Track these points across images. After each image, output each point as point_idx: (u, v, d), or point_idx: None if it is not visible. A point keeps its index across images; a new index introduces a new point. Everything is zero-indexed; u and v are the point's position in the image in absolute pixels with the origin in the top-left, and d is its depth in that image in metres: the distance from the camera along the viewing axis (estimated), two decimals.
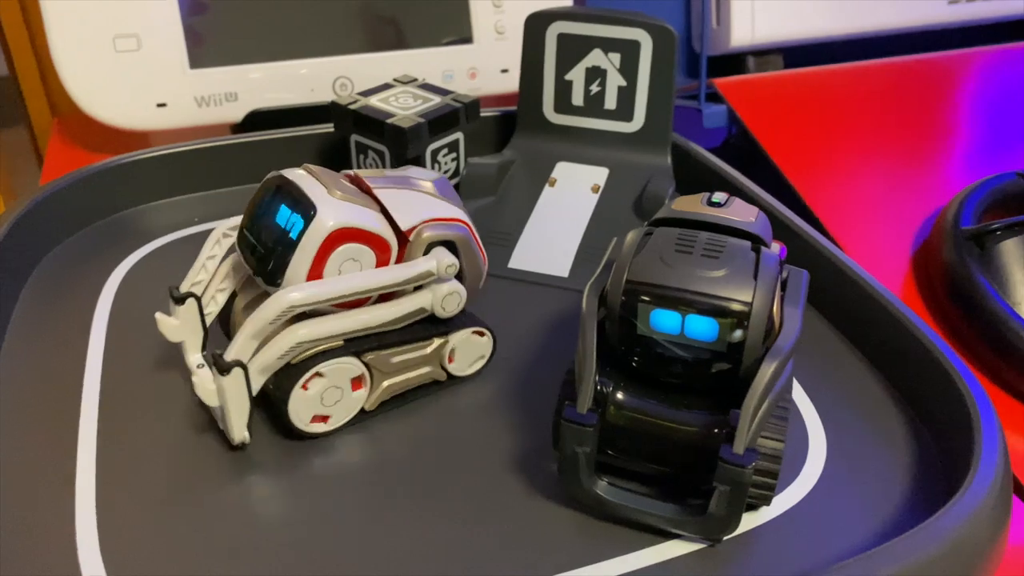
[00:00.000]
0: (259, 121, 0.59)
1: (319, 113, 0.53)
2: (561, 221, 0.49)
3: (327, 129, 0.54)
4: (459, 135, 0.51)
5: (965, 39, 0.77)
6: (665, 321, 0.29)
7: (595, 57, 0.50)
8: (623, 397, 0.30)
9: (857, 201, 0.55)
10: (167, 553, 0.29)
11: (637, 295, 0.29)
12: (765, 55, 0.72)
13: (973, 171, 0.60)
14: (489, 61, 0.64)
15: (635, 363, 0.30)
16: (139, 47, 0.56)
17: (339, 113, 0.50)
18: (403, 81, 0.53)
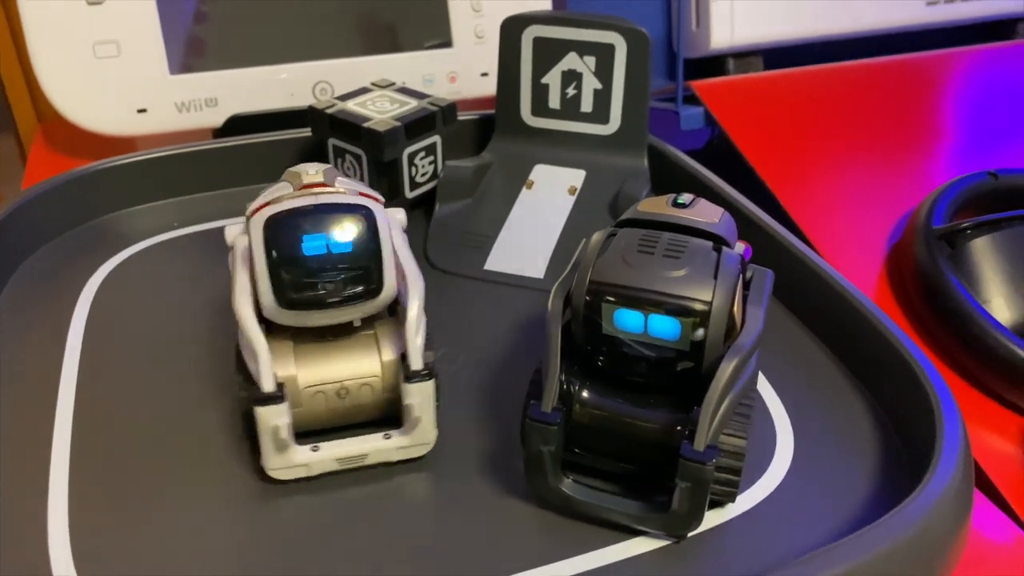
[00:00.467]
0: (240, 126, 0.59)
1: (299, 118, 0.53)
2: (538, 223, 0.49)
3: (306, 134, 0.54)
4: (436, 138, 0.51)
5: (944, 40, 0.78)
6: (629, 321, 0.29)
7: (571, 60, 0.51)
8: (588, 395, 0.31)
9: (833, 202, 0.56)
10: (138, 555, 0.29)
11: (600, 295, 0.29)
12: (745, 57, 0.73)
13: (950, 171, 0.60)
14: (469, 65, 0.64)
15: (600, 362, 0.31)
16: (119, 53, 0.56)
17: (316, 117, 0.50)
18: (381, 85, 0.53)
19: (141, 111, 0.57)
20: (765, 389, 0.38)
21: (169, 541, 0.30)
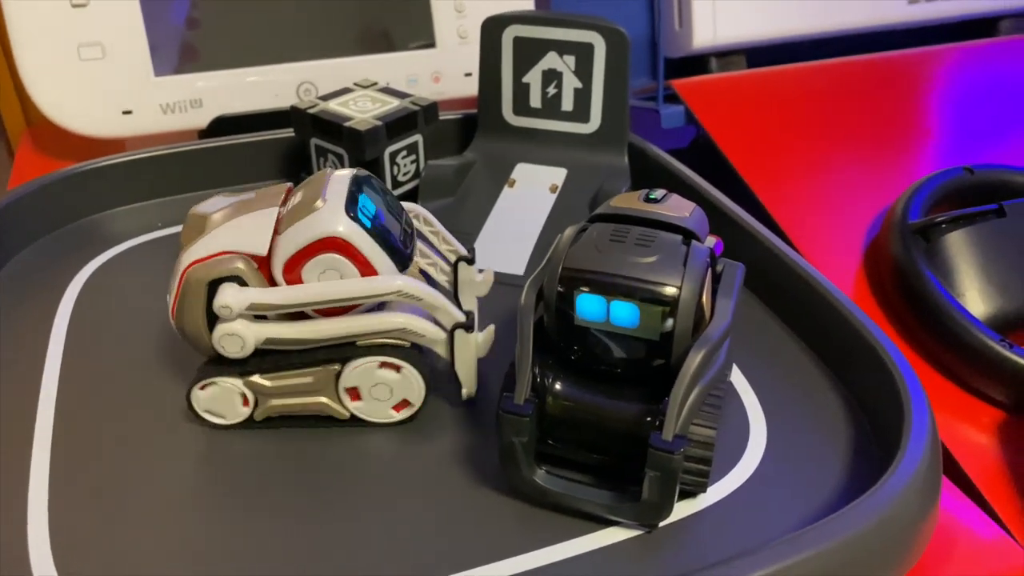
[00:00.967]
0: (225, 126, 0.59)
1: (284, 118, 0.53)
2: (519, 221, 0.49)
3: (290, 134, 0.55)
4: (418, 137, 0.52)
5: (926, 38, 0.79)
6: (591, 307, 0.30)
7: (551, 60, 0.51)
8: (561, 388, 0.31)
9: (813, 198, 0.56)
10: (118, 551, 0.30)
11: (571, 283, 0.30)
12: (728, 56, 0.73)
13: (931, 167, 0.61)
14: (452, 65, 0.65)
15: (574, 356, 0.31)
16: (103, 55, 0.57)
17: (298, 117, 0.50)
18: (363, 85, 0.53)
19: (126, 113, 0.58)
20: (738, 380, 0.38)
21: (149, 538, 0.30)
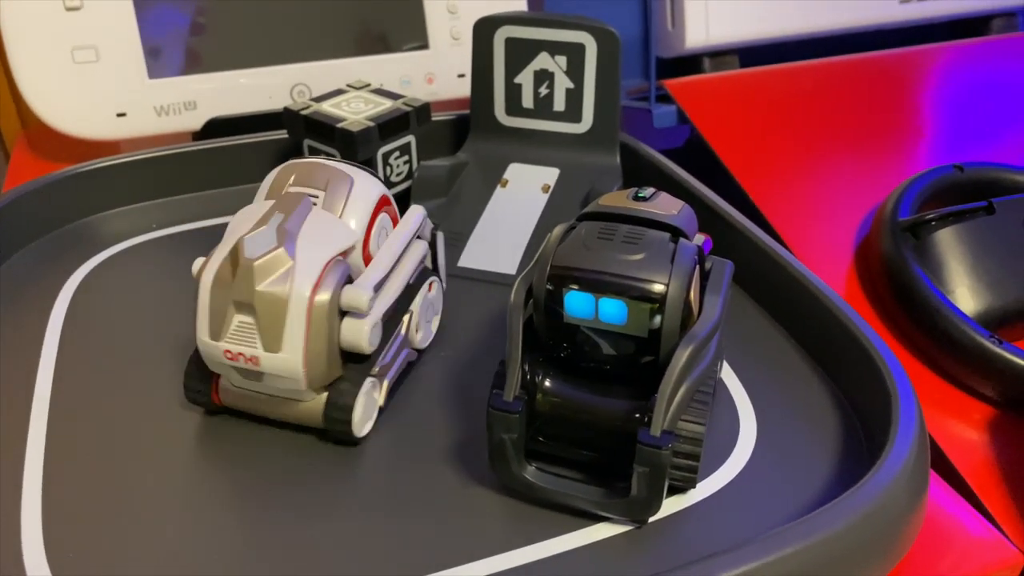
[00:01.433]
0: (219, 128, 0.60)
1: (278, 120, 0.53)
2: (511, 220, 0.50)
3: (284, 135, 0.55)
4: (410, 138, 0.52)
5: (918, 37, 0.79)
6: (579, 304, 0.30)
7: (542, 60, 0.52)
8: (551, 385, 0.31)
9: (805, 197, 0.57)
10: (113, 555, 0.30)
11: (559, 282, 0.30)
12: (721, 56, 0.74)
13: (922, 166, 0.61)
14: (446, 66, 0.65)
15: (563, 353, 0.31)
16: (97, 58, 0.57)
17: (291, 119, 0.51)
18: (356, 86, 0.54)
19: (121, 115, 0.58)
20: (728, 376, 0.39)
21: (144, 539, 0.30)
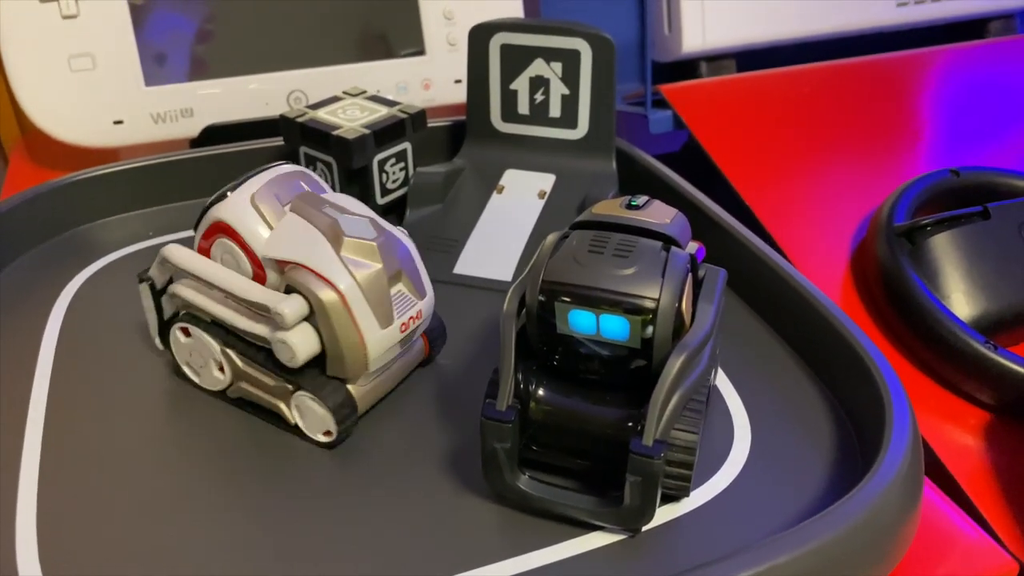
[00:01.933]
0: (215, 136, 0.60)
1: (274, 127, 0.54)
2: (507, 227, 0.50)
3: (280, 143, 0.55)
4: (406, 145, 0.52)
5: (915, 41, 0.79)
6: (581, 321, 0.30)
7: (538, 67, 0.52)
8: (544, 393, 0.31)
9: (801, 202, 0.57)
10: (107, 560, 0.30)
11: (551, 295, 0.30)
12: (718, 60, 0.74)
13: (919, 170, 0.61)
14: (442, 72, 0.65)
15: (555, 361, 0.31)
16: (94, 66, 0.57)
17: (287, 126, 0.51)
18: (352, 93, 0.54)
19: (117, 123, 0.58)
20: (723, 383, 0.39)
21: (137, 544, 0.30)
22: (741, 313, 0.43)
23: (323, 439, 0.35)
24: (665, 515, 0.32)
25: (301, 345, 0.33)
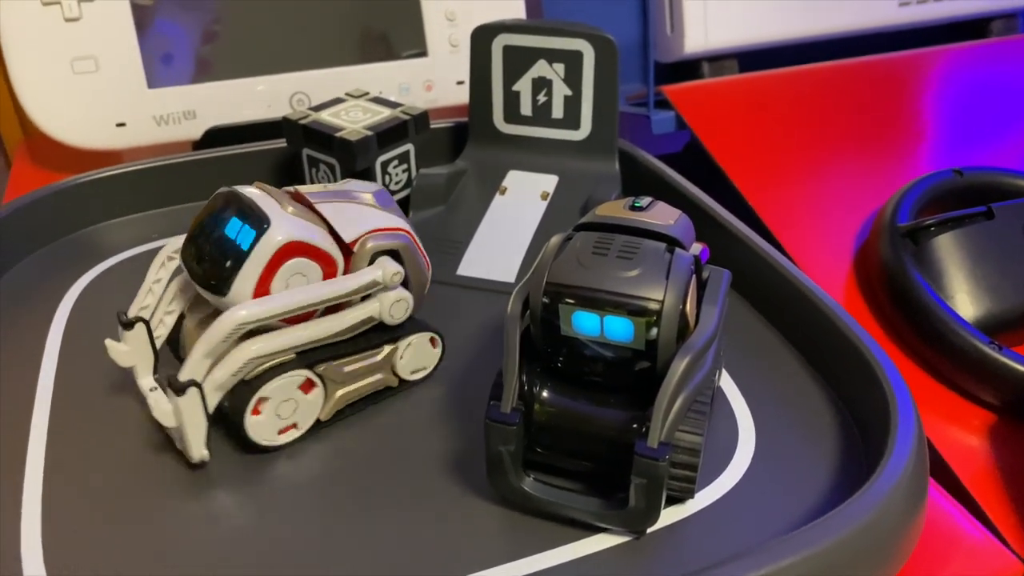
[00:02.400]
0: (218, 138, 0.60)
1: (277, 128, 0.54)
2: (510, 228, 0.50)
3: (283, 145, 0.55)
4: (409, 146, 0.52)
5: (917, 40, 0.79)
6: (585, 323, 0.30)
7: (540, 68, 0.52)
8: (548, 396, 0.31)
9: (804, 203, 0.56)
10: (111, 561, 0.30)
11: (555, 297, 0.30)
12: (720, 60, 0.74)
13: (922, 170, 0.61)
14: (444, 73, 0.65)
15: (560, 363, 0.31)
16: (97, 68, 0.57)
17: (290, 128, 0.51)
18: (354, 95, 0.54)
19: (120, 125, 0.58)
20: (728, 385, 0.38)
21: (142, 545, 0.30)
22: (745, 314, 0.43)
23: (420, 374, 0.39)
24: (670, 517, 0.32)
25: (409, 295, 0.37)
